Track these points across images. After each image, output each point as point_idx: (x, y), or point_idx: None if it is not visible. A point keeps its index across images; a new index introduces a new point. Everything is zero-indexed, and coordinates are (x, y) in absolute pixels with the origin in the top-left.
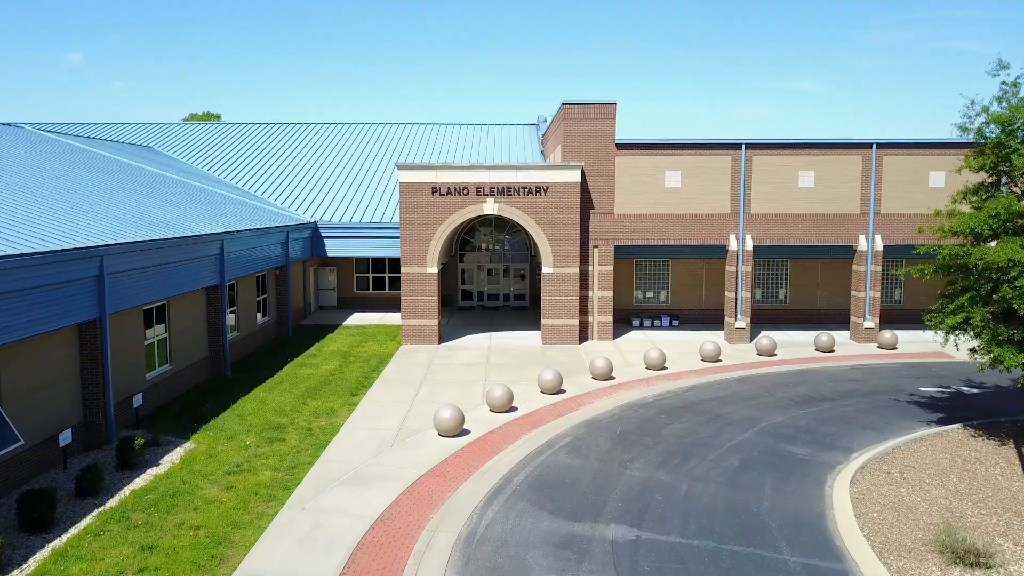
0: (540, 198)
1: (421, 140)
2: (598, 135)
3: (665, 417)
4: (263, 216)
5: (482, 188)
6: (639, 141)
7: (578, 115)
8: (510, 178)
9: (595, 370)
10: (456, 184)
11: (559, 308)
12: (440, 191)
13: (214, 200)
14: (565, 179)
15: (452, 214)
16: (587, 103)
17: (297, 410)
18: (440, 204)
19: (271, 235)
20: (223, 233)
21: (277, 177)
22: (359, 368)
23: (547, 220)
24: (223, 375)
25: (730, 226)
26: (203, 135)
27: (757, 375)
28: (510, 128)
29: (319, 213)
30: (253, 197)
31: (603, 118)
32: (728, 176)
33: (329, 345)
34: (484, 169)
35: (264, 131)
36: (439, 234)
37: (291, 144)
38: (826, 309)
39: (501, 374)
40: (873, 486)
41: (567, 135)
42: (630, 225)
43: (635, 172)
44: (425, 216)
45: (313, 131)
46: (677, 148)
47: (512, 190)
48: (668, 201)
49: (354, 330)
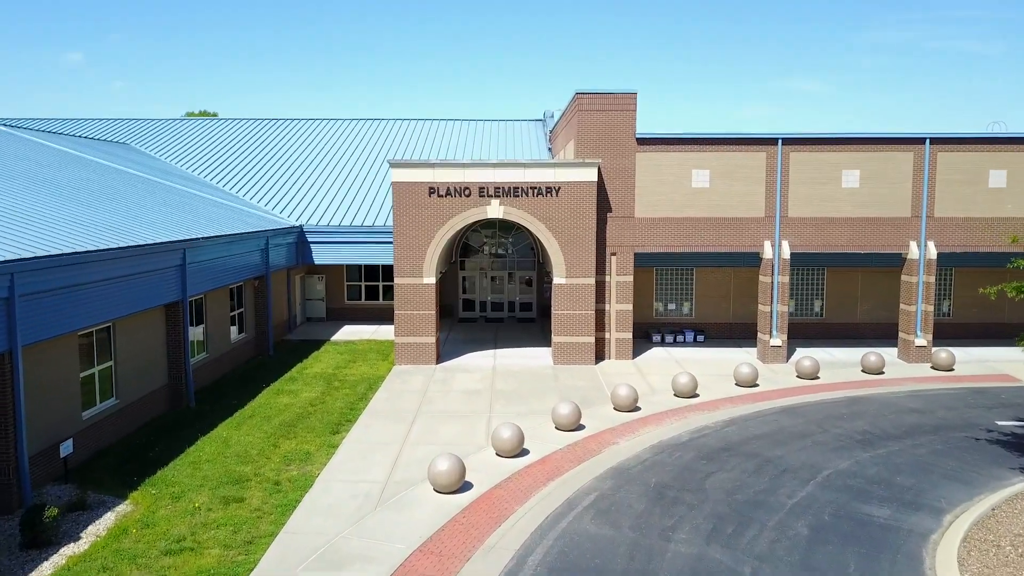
0: (551, 200)
1: (418, 137)
2: (616, 129)
3: (706, 463)
4: (240, 220)
5: (486, 188)
6: (663, 135)
7: (594, 106)
8: (517, 177)
9: (618, 400)
10: (456, 184)
11: (572, 324)
12: (438, 192)
13: (185, 202)
14: (580, 178)
15: (452, 217)
16: (604, 92)
17: (266, 454)
18: (438, 206)
19: (247, 242)
20: (184, 241)
21: (261, 177)
22: (344, 396)
23: (559, 224)
24: (185, 406)
25: (765, 231)
26: (186, 132)
27: (803, 404)
28: (514, 124)
29: (305, 216)
30: (233, 199)
31: (622, 109)
32: (763, 175)
33: (313, 366)
34: (488, 167)
35: (249, 128)
36: (437, 240)
37: (278, 141)
38: (867, 323)
39: (508, 404)
40: (986, 567)
41: (581, 129)
42: (652, 230)
43: (658, 170)
44: (421, 220)
45: (302, 128)
46: (705, 143)
47: (520, 190)
48: (695, 203)
49: (343, 347)
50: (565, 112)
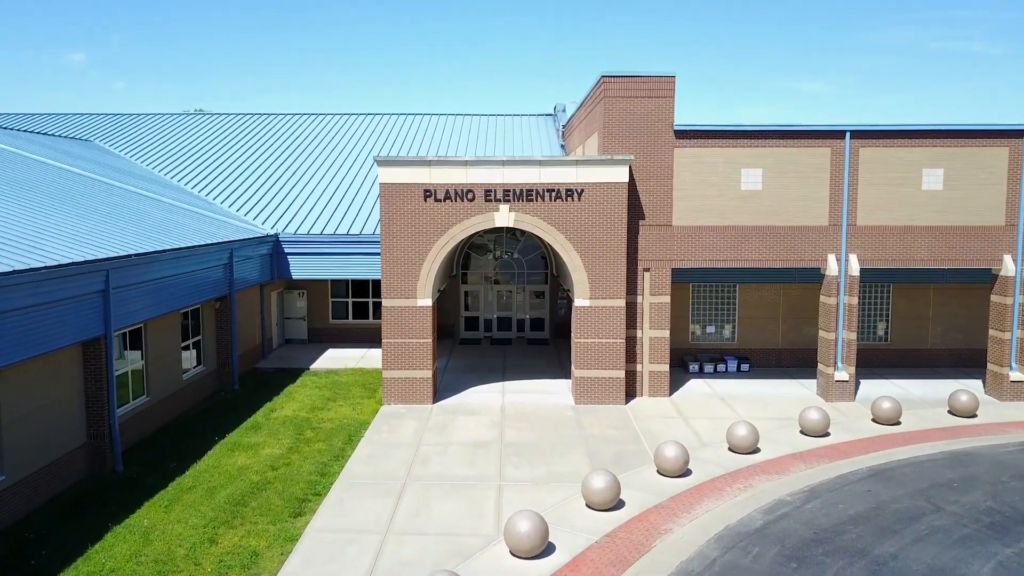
0: (572, 204)
1: (412, 134)
2: (651, 119)
3: (797, 567)
4: (201, 229)
5: (493, 191)
6: (706, 127)
7: (623, 91)
8: (531, 177)
9: (663, 461)
10: (457, 186)
11: (597, 355)
12: (436, 195)
13: (135, 209)
14: (607, 178)
15: (452, 227)
16: (636, 75)
17: (196, 557)
18: (436, 213)
19: (204, 256)
20: (107, 260)
21: (235, 178)
22: (316, 453)
23: (582, 235)
24: (110, 470)
25: (828, 243)
26: (160, 128)
27: (894, 465)
28: (521, 120)
29: (283, 223)
30: (199, 203)
31: (657, 95)
32: (826, 175)
33: (284, 407)
34: (495, 165)
35: (228, 124)
36: (434, 254)
37: (258, 138)
38: (940, 350)
39: (523, 465)
40: None
41: (608, 119)
42: (693, 241)
43: (701, 169)
44: (415, 229)
45: (285, 123)
46: (758, 136)
47: (534, 194)
48: (745, 208)
49: (323, 379)
50: (584, 102)
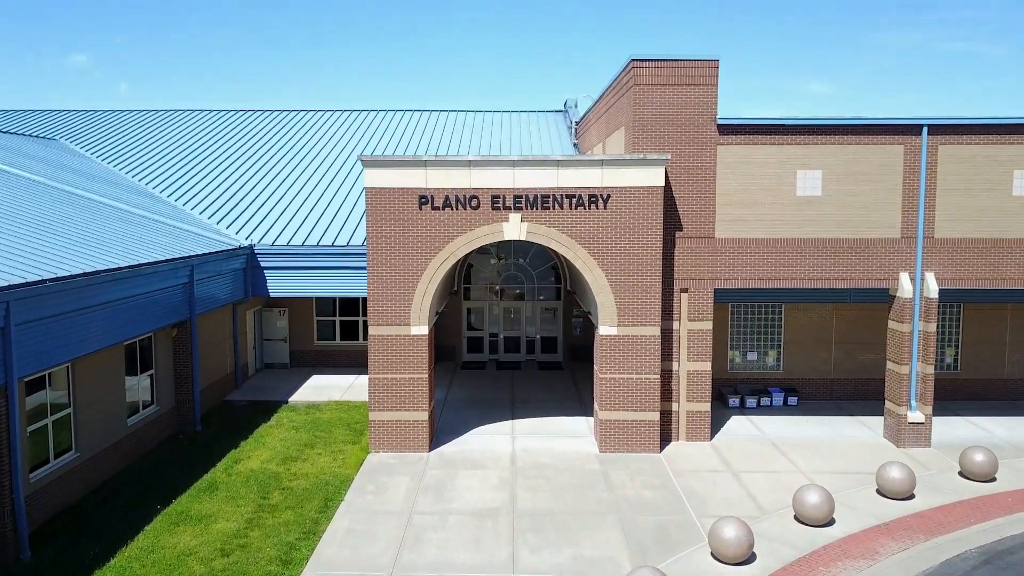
0: (596, 214)
1: (408, 131)
2: (689, 111)
3: None
4: (158, 242)
5: (501, 197)
6: (757, 121)
7: (657, 78)
8: (547, 180)
9: (721, 545)
10: (460, 191)
11: (627, 393)
12: (434, 202)
13: (77, 221)
14: (640, 181)
15: (453, 240)
16: (672, 59)
17: None
18: (433, 223)
19: (153, 277)
20: (6, 290)
21: (210, 181)
22: (283, 527)
23: (607, 249)
24: (12, 558)
25: (900, 258)
26: (133, 125)
27: (1010, 544)
28: (529, 116)
29: (260, 232)
30: (165, 210)
31: (698, 83)
32: (898, 178)
33: (251, 455)
34: (504, 166)
35: (209, 121)
36: (431, 273)
37: (239, 137)
38: (1020, 380)
39: (542, 548)
40: None
41: (638, 110)
42: (740, 257)
43: (749, 171)
44: (409, 243)
45: (271, 121)
46: (818, 132)
47: (550, 200)
48: (801, 218)
49: (302, 415)
50: (605, 94)
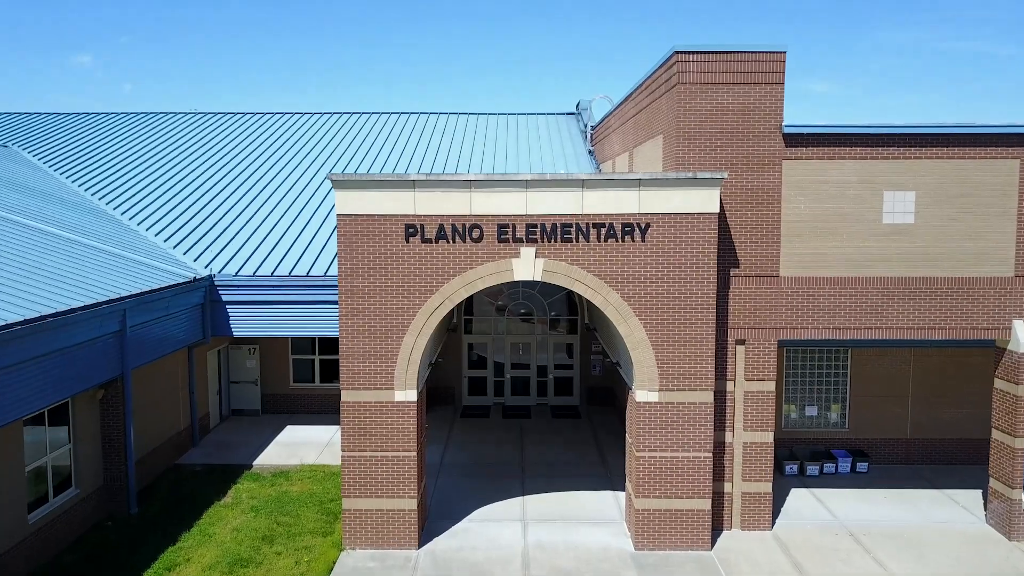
0: (632, 247)
1: (404, 136)
2: (748, 116)
3: None
4: (84, 279)
5: (510, 226)
6: (834, 128)
7: (708, 74)
8: (568, 204)
9: None
10: (458, 219)
11: (671, 476)
12: (424, 233)
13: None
14: (688, 206)
15: (449, 280)
16: (728, 51)
17: None
18: (424, 260)
19: (67, 330)
20: None
21: (171, 196)
22: None
23: (646, 293)
24: None
25: (1014, 302)
26: (100, 131)
27: None
28: (537, 120)
29: (224, 259)
30: (112, 232)
31: (759, 81)
32: (1012, 200)
33: (189, 560)
34: (514, 187)
35: (183, 125)
36: (420, 323)
37: (210, 142)
38: None
39: None
40: None
41: (683, 115)
42: (811, 300)
43: (823, 192)
44: (393, 285)
45: (245, 124)
46: (911, 143)
47: (573, 230)
48: (888, 251)
49: (267, 487)
50: (634, 94)
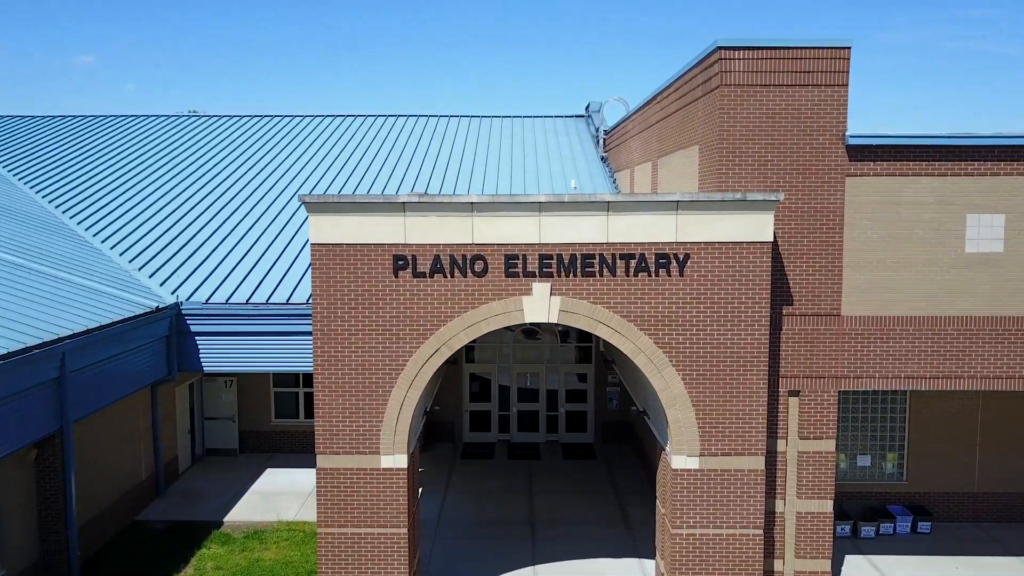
0: (668, 283)
1: (393, 142)
2: (804, 124)
3: None
4: (22, 315)
5: (520, 258)
6: (906, 139)
7: (757, 73)
8: (589, 231)
9: None
10: (457, 248)
11: (713, 557)
12: (417, 266)
13: None
14: (735, 233)
15: (447, 322)
16: (780, 46)
17: None
18: (417, 299)
19: None
20: None
21: (141, 211)
22: None
23: (685, 339)
24: None
25: None
26: (75, 136)
27: None
28: (544, 123)
29: (192, 284)
30: (66, 254)
31: (819, 82)
32: None
33: None
34: (523, 210)
35: (157, 129)
36: (412, 373)
37: (187, 150)
38: None
39: None
40: None
41: (726, 123)
42: (877, 344)
43: (892, 216)
44: (378, 329)
45: (225, 128)
46: (998, 156)
47: (595, 262)
48: (971, 285)
49: (236, 552)
50: (660, 96)
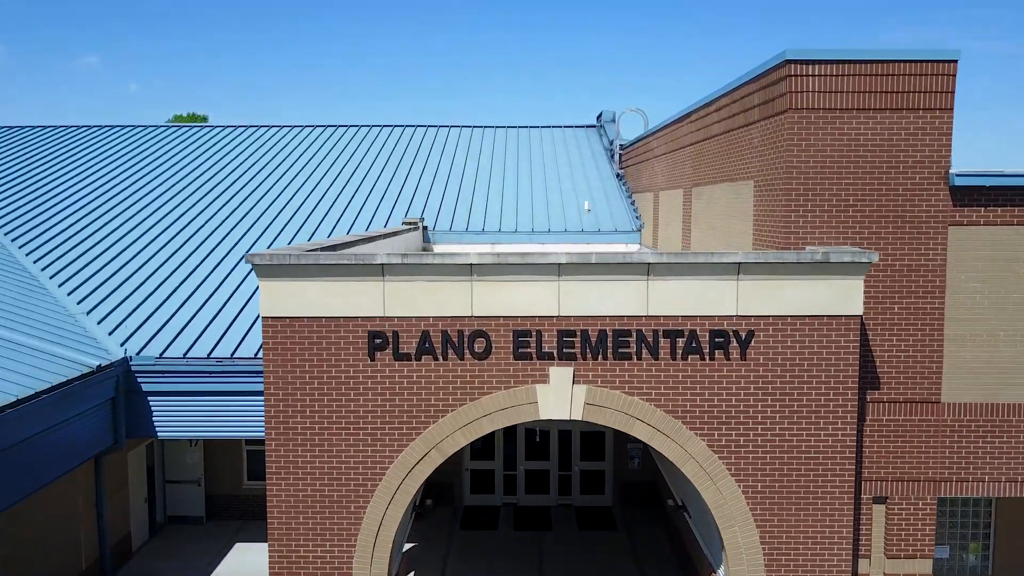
0: (723, 368)
1: (383, 156)
2: (893, 159)
3: None
4: None
5: (533, 335)
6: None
7: (835, 93)
8: (623, 301)
9: None
10: (451, 323)
11: None
12: (399, 345)
13: None
14: (812, 305)
15: (438, 418)
16: (868, 58)
17: None
18: (400, 388)
19: None
20: None
21: (97, 240)
22: None
23: (746, 440)
24: None
25: None
26: (29, 146)
27: None
28: (553, 132)
29: (146, 334)
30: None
31: (916, 105)
32: None
33: None
34: (537, 273)
35: (126, 141)
36: (395, 484)
37: (155, 169)
38: None
39: None
40: None
41: (794, 155)
42: (990, 437)
43: (1006, 274)
44: (349, 428)
45: (195, 141)
46: None
47: (632, 340)
48: None
49: None
50: (698, 112)
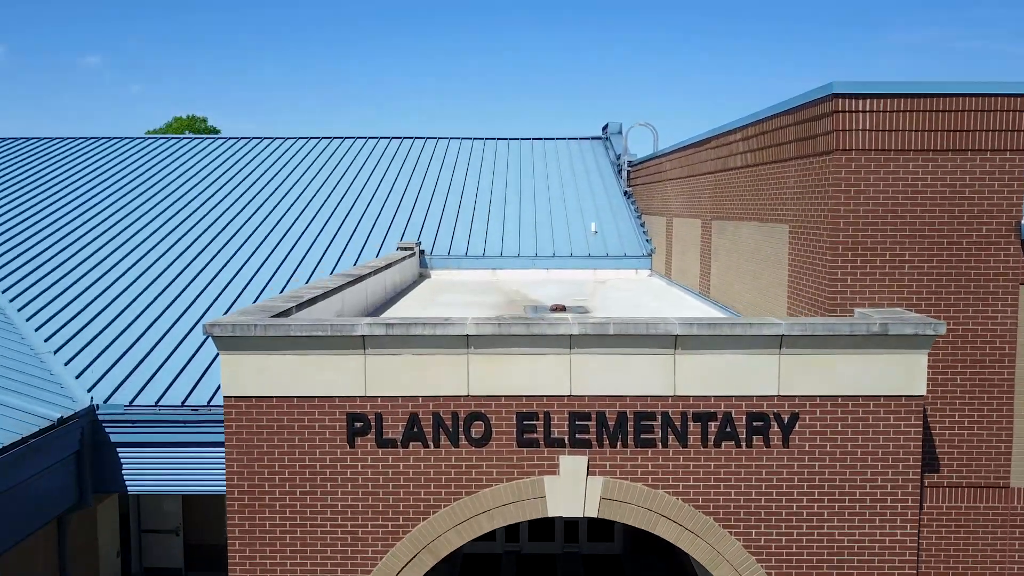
0: (761, 456)
1: (380, 170)
2: (955, 208)
3: None
4: None
5: (542, 416)
6: None
7: (891, 134)
8: (645, 379)
9: None
10: (444, 403)
11: None
12: (383, 430)
13: None
14: (867, 384)
15: (428, 515)
16: (926, 92)
17: None
18: (384, 479)
19: None
20: None
21: (71, 268)
22: None
23: (787, 541)
24: None
25: None
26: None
27: None
28: (556, 146)
29: (116, 377)
30: None
31: (983, 147)
32: None
33: None
34: (545, 345)
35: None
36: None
37: (135, 188)
38: None
39: None
40: None
41: (842, 203)
42: None
43: None
44: (324, 527)
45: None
46: None
47: (656, 424)
48: None
49: None
50: (720, 139)
